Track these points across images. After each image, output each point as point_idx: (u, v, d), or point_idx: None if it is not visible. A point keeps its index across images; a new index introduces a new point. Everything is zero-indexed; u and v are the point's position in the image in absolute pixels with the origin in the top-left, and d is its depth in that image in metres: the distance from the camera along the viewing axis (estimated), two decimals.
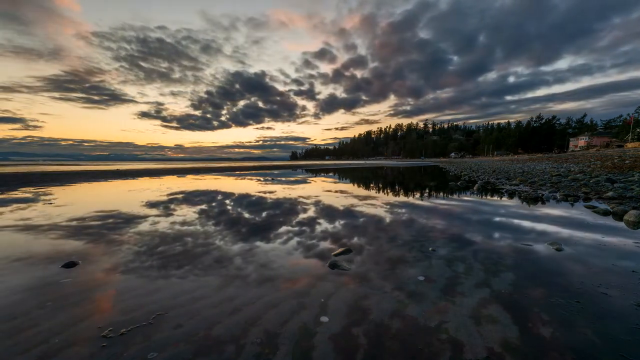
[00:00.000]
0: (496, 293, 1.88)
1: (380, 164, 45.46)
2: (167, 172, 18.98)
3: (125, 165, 40.23)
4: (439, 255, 2.61)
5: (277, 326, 1.55)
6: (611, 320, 1.57)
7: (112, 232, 3.49)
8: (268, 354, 1.34)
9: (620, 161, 11.72)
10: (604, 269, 2.24)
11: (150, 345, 1.41)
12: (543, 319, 1.59)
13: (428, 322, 1.57)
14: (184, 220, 4.18)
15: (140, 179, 12.88)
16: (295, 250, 2.82)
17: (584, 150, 43.77)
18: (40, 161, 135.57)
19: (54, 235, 3.36)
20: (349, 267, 2.34)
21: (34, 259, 2.58)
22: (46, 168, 25.02)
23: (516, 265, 2.35)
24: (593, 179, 7.64)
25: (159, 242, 3.06)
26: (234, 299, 1.84)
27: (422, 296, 1.86)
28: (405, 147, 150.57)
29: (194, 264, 2.44)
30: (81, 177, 13.17)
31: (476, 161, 39.76)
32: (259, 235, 3.37)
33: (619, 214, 4.09)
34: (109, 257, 2.63)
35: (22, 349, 1.38)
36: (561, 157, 21.58)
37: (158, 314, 1.68)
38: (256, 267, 2.38)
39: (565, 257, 2.51)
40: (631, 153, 16.46)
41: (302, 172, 19.75)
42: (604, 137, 54.21)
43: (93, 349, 1.38)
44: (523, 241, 2.98)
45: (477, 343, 1.39)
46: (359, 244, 2.98)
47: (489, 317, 1.60)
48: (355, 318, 1.62)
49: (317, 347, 1.38)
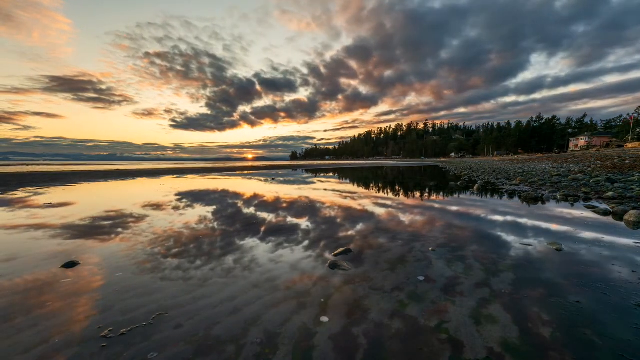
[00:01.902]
0: (496, 293, 1.88)
1: (380, 164, 45.47)
2: (165, 172, 18.98)
3: (125, 165, 40.23)
4: (439, 255, 2.60)
5: (277, 326, 1.55)
6: (611, 320, 1.57)
7: (112, 232, 3.49)
8: (268, 354, 1.34)
9: (620, 161, 11.72)
10: (603, 269, 2.24)
11: (150, 345, 1.41)
12: (543, 319, 1.59)
13: (428, 322, 1.57)
14: (183, 220, 4.18)
15: (139, 179, 12.88)
16: (295, 250, 2.82)
17: (584, 150, 43.77)
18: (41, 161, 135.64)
19: (53, 236, 3.36)
20: (349, 267, 2.34)
21: (35, 259, 2.58)
22: (46, 168, 25.01)
23: (516, 265, 2.35)
24: (593, 179, 7.63)
25: (158, 243, 3.06)
26: (234, 299, 1.84)
27: (422, 296, 1.86)
28: (405, 147, 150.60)
29: (193, 264, 2.44)
30: (81, 177, 13.17)
31: (476, 161, 39.76)
32: (259, 235, 3.37)
33: (619, 214, 4.09)
34: (109, 257, 2.63)
35: (22, 349, 1.38)
36: (561, 157, 21.58)
37: (158, 314, 1.68)
38: (256, 267, 2.38)
39: (565, 257, 2.50)
40: (631, 153, 16.46)
41: (301, 172, 19.74)
42: (604, 137, 54.20)
43: (93, 349, 1.38)
44: (523, 241, 2.98)
45: (477, 343, 1.39)
46: (359, 244, 2.98)
47: (489, 317, 1.60)
48: (355, 318, 1.62)
49: (317, 347, 1.38)
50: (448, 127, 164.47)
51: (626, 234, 3.20)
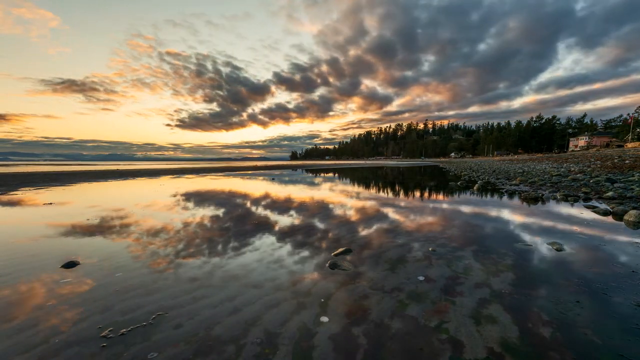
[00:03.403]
0: (496, 293, 1.88)
1: (380, 164, 45.47)
2: (165, 172, 18.98)
3: (125, 165, 40.25)
4: (439, 255, 2.60)
5: (277, 326, 1.55)
6: (611, 320, 1.57)
7: (112, 233, 3.49)
8: (268, 354, 1.34)
9: (620, 161, 11.72)
10: (603, 269, 2.24)
11: (150, 345, 1.41)
12: (543, 319, 1.58)
13: (428, 322, 1.57)
14: (183, 220, 4.18)
15: (139, 179, 12.88)
16: (295, 250, 2.82)
17: (584, 150, 43.74)
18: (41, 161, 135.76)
19: (54, 236, 3.36)
20: (349, 267, 2.34)
21: (35, 259, 2.58)
22: (46, 168, 25.01)
23: (516, 265, 2.35)
24: (593, 179, 7.63)
25: (158, 243, 3.06)
26: (234, 299, 1.84)
27: (422, 296, 1.86)
28: (405, 147, 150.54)
29: (193, 264, 2.44)
30: (81, 177, 13.17)
31: (476, 161, 39.76)
32: (258, 235, 3.37)
33: (619, 214, 4.08)
34: (109, 257, 2.63)
35: (22, 349, 1.38)
36: (561, 157, 21.58)
37: (158, 314, 1.68)
38: (255, 267, 2.38)
39: (565, 257, 2.50)
40: (631, 153, 16.46)
41: (301, 172, 19.74)
42: (604, 137, 54.17)
43: (93, 349, 1.38)
44: (523, 241, 2.98)
45: (477, 343, 1.39)
46: (359, 243, 2.98)
47: (489, 317, 1.60)
48: (356, 318, 1.62)
49: (317, 347, 1.38)
50: (448, 127, 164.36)
51: (626, 234, 3.20)
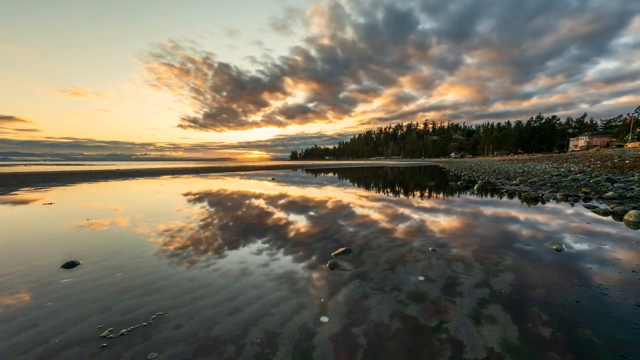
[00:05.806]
0: (496, 293, 1.88)
1: (381, 164, 45.47)
2: (164, 172, 18.97)
3: (124, 165, 40.26)
4: (439, 255, 2.60)
5: (277, 326, 1.55)
6: (611, 320, 1.57)
7: (112, 233, 3.49)
8: (268, 354, 1.34)
9: (620, 161, 11.73)
10: (603, 269, 2.24)
11: (150, 345, 1.41)
12: (543, 319, 1.59)
13: (428, 322, 1.57)
14: (182, 220, 4.18)
15: (139, 179, 12.89)
16: (295, 250, 2.82)
17: (584, 150, 43.75)
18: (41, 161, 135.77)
19: (53, 236, 3.36)
20: (349, 267, 2.34)
21: (35, 259, 2.58)
22: (46, 168, 25.01)
23: (516, 265, 2.35)
24: (593, 179, 7.63)
25: (158, 242, 3.06)
26: (234, 299, 1.84)
27: (422, 296, 1.86)
28: (405, 147, 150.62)
29: (193, 264, 2.44)
30: (81, 177, 13.17)
31: (476, 161, 39.75)
32: (258, 235, 3.37)
33: (619, 214, 4.08)
34: (109, 257, 2.63)
35: (22, 349, 1.39)
36: (561, 157, 21.59)
37: (158, 314, 1.68)
38: (255, 267, 2.38)
39: (565, 257, 2.50)
40: (631, 153, 16.47)
41: (301, 172, 19.75)
42: (604, 137, 54.20)
43: (93, 349, 1.38)
44: (523, 241, 2.98)
45: (477, 343, 1.39)
46: (359, 243, 2.98)
47: (489, 317, 1.60)
48: (356, 318, 1.62)
49: (317, 347, 1.38)
50: (448, 127, 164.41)
51: (626, 234, 3.20)
